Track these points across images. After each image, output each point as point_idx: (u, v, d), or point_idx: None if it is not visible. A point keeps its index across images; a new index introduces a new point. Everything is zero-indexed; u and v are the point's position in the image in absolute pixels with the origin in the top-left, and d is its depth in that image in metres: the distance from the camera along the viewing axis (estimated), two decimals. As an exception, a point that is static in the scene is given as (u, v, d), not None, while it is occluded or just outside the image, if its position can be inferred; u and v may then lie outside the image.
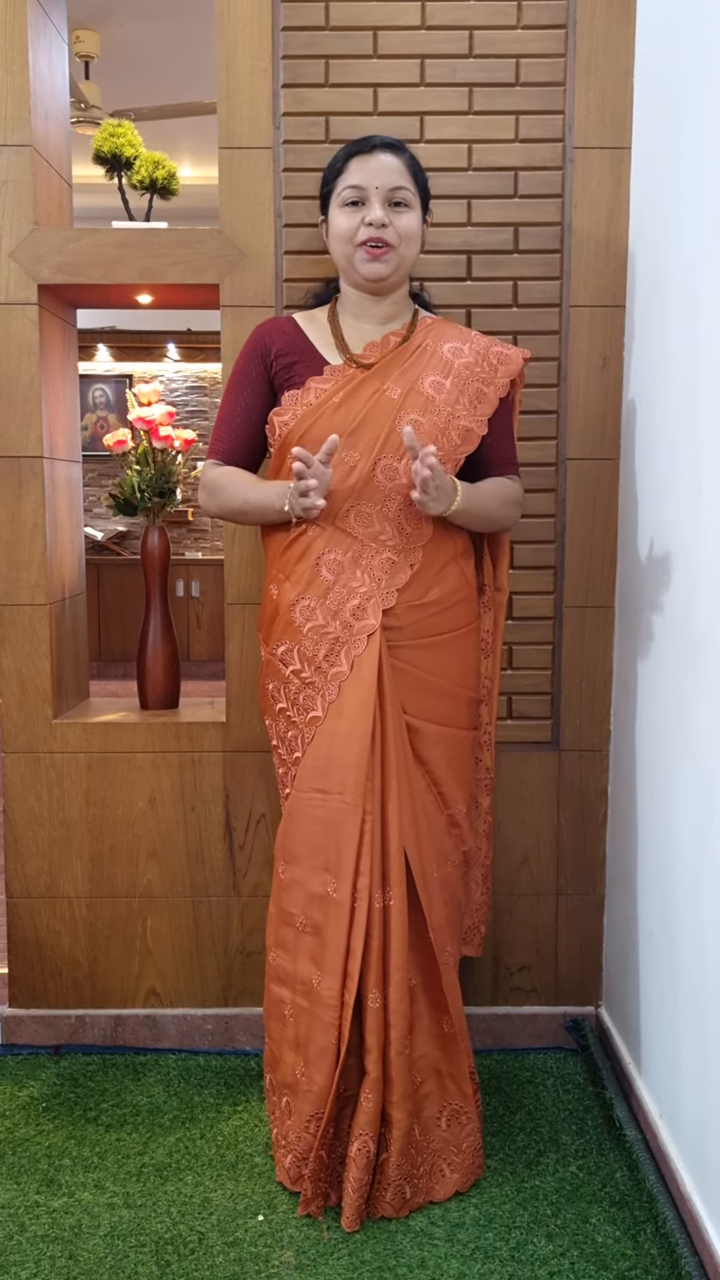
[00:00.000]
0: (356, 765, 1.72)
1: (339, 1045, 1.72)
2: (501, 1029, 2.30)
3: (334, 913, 1.73)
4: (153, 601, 2.38)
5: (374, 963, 1.71)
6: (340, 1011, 1.71)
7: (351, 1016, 1.72)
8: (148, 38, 5.00)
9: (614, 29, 2.08)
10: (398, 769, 1.74)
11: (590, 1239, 1.71)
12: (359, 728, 1.72)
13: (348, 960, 1.71)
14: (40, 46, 2.17)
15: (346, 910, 1.71)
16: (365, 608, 1.75)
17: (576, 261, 2.14)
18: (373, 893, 1.71)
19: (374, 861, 1.71)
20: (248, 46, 2.09)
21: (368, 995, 1.72)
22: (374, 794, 1.73)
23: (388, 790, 1.73)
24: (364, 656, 1.74)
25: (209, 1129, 2.01)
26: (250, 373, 1.88)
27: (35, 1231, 1.72)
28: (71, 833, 2.26)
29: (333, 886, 1.73)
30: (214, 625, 7.04)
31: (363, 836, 1.71)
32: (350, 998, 1.71)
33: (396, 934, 1.72)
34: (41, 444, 2.17)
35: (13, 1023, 2.29)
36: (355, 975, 1.71)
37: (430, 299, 2.05)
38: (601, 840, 2.27)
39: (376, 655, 1.74)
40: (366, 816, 1.72)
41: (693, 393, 1.72)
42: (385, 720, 1.74)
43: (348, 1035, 1.72)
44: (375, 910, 1.71)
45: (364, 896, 1.71)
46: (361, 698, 1.73)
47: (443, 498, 1.72)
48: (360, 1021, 1.74)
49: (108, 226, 2.17)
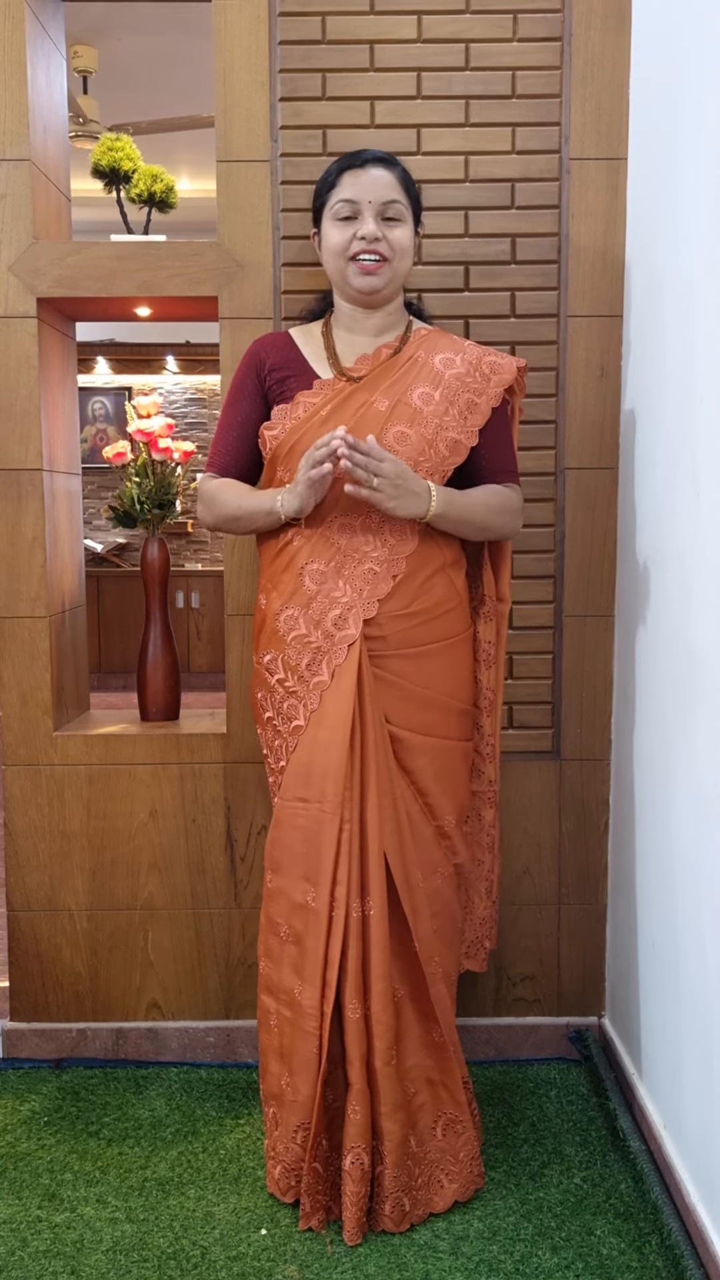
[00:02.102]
0: (335, 774, 1.72)
1: (320, 1055, 1.71)
2: (504, 1040, 2.29)
3: (313, 921, 1.72)
4: (152, 613, 2.38)
5: (352, 972, 1.70)
6: (320, 1021, 1.71)
7: (335, 1027, 1.71)
8: (146, 52, 5.02)
9: (609, 41, 2.09)
10: (378, 778, 1.73)
11: (595, 1251, 1.70)
12: (338, 736, 1.72)
13: (325, 969, 1.71)
14: (39, 61, 2.18)
15: (324, 919, 1.71)
16: (346, 618, 1.75)
17: (574, 272, 2.15)
18: (350, 901, 1.70)
19: (351, 870, 1.71)
20: (245, 60, 2.10)
21: (346, 1005, 1.70)
22: (353, 802, 1.72)
23: (367, 799, 1.73)
24: (344, 666, 1.74)
25: (211, 1142, 2.01)
26: (246, 387, 1.89)
27: (37, 1247, 1.72)
28: (72, 845, 2.25)
29: (311, 895, 1.73)
30: (214, 636, 7.04)
31: (340, 845, 1.71)
32: (329, 1007, 1.70)
33: (377, 943, 1.70)
34: (41, 456, 2.18)
35: (14, 1036, 2.29)
36: (334, 984, 1.70)
37: (426, 310, 2.05)
38: (603, 850, 2.27)
39: (356, 665, 1.74)
40: (345, 825, 1.71)
41: (689, 402, 1.72)
42: (365, 729, 1.74)
43: (328, 1045, 1.71)
44: (354, 919, 1.71)
45: (341, 905, 1.70)
46: (341, 707, 1.73)
47: (413, 498, 1.71)
48: (343, 1032, 1.73)
49: (106, 240, 2.18)
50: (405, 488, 1.70)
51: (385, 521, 1.77)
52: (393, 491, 1.69)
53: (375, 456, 1.66)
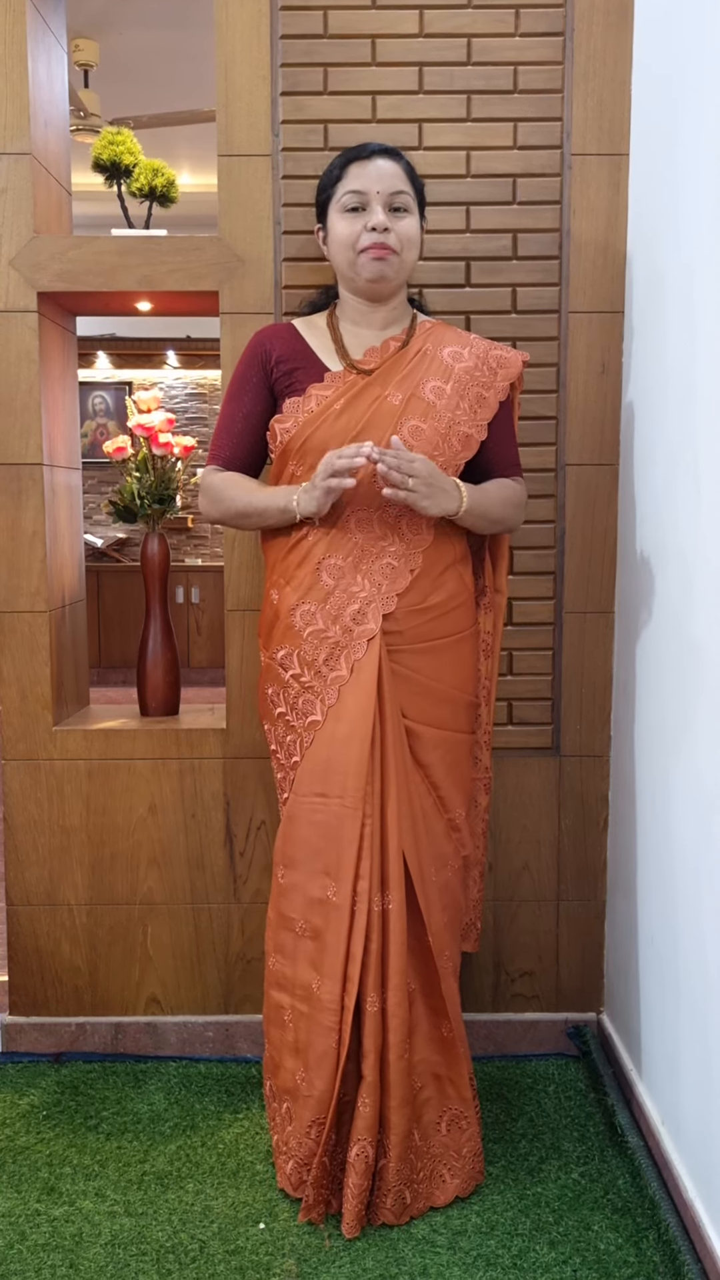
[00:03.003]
0: (356, 769, 1.72)
1: (339, 1050, 1.71)
2: (503, 1036, 2.29)
3: (334, 917, 1.73)
4: (153, 608, 2.38)
5: (373, 967, 1.71)
6: (340, 1016, 1.71)
7: (351, 1021, 1.72)
8: (147, 46, 5.02)
9: (611, 36, 2.09)
10: (397, 773, 1.74)
11: (593, 1246, 1.70)
12: (359, 731, 1.73)
13: (347, 964, 1.71)
14: (40, 55, 2.18)
15: (346, 914, 1.71)
16: (365, 612, 1.75)
17: (575, 268, 2.14)
18: (372, 896, 1.71)
19: (374, 865, 1.71)
20: (247, 54, 2.10)
21: (366, 999, 1.71)
22: (374, 797, 1.73)
23: (387, 794, 1.74)
24: (364, 661, 1.75)
25: (210, 1137, 2.01)
26: (250, 379, 1.88)
27: (36, 1240, 1.72)
28: (71, 840, 2.25)
29: (332, 890, 1.73)
30: (214, 632, 7.04)
31: (362, 840, 1.72)
32: (350, 1001, 1.70)
33: (395, 938, 1.71)
34: (41, 451, 2.17)
35: (13, 1030, 2.29)
36: (355, 979, 1.71)
37: (427, 304, 2.05)
38: (602, 846, 2.27)
39: (376, 660, 1.74)
40: (366, 820, 1.72)
41: (690, 399, 1.72)
42: (385, 724, 1.75)
43: (348, 1040, 1.71)
44: (374, 914, 1.71)
45: (364, 900, 1.71)
46: (361, 702, 1.73)
47: (445, 496, 1.72)
48: (358, 1026, 1.73)
49: (107, 234, 2.18)
50: (437, 486, 1.71)
51: (402, 516, 1.77)
52: (426, 490, 1.70)
53: (405, 459, 1.67)
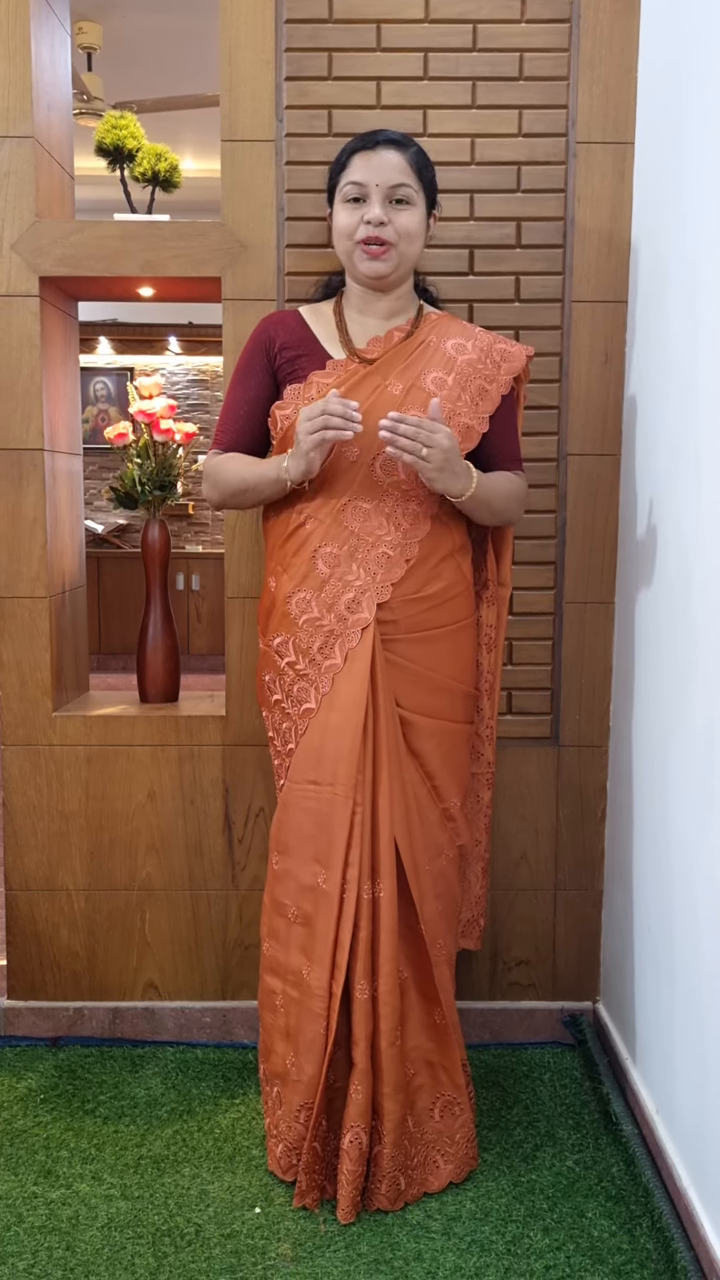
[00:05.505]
0: (348, 757, 1.73)
1: (327, 1036, 1.72)
2: (499, 1024, 2.30)
3: (323, 903, 1.74)
4: (153, 595, 2.38)
5: (362, 954, 1.72)
6: (329, 1002, 1.72)
7: (340, 1008, 1.73)
8: (150, 30, 4.99)
9: (618, 23, 2.07)
10: (389, 761, 1.75)
11: (586, 1233, 1.71)
12: (351, 720, 1.73)
13: (335, 951, 1.72)
14: (43, 38, 2.16)
15: (335, 901, 1.72)
16: (360, 601, 1.75)
17: (579, 256, 2.13)
18: (361, 884, 1.72)
19: (363, 853, 1.72)
20: (251, 39, 2.09)
21: (355, 986, 1.72)
22: (365, 785, 1.73)
23: (379, 782, 1.74)
24: (358, 649, 1.75)
25: (206, 1121, 2.02)
26: (254, 365, 1.88)
27: (33, 1223, 1.73)
28: (70, 825, 2.26)
29: (322, 877, 1.74)
30: (214, 619, 7.04)
31: (353, 827, 1.72)
32: (338, 988, 1.72)
33: (386, 925, 1.72)
34: (42, 437, 2.17)
35: (11, 1014, 2.30)
36: (343, 966, 1.72)
37: (438, 294, 2.04)
38: (600, 836, 2.27)
39: (370, 648, 1.74)
40: (357, 808, 1.72)
41: (693, 389, 1.72)
42: (378, 713, 1.75)
43: (335, 1026, 1.72)
44: (364, 901, 1.72)
45: (353, 887, 1.72)
46: (354, 690, 1.74)
47: (455, 477, 1.71)
48: (349, 1013, 1.74)
49: (110, 219, 2.17)
50: (452, 463, 1.70)
51: (399, 505, 1.77)
52: (441, 463, 1.68)
53: (428, 428, 1.65)
